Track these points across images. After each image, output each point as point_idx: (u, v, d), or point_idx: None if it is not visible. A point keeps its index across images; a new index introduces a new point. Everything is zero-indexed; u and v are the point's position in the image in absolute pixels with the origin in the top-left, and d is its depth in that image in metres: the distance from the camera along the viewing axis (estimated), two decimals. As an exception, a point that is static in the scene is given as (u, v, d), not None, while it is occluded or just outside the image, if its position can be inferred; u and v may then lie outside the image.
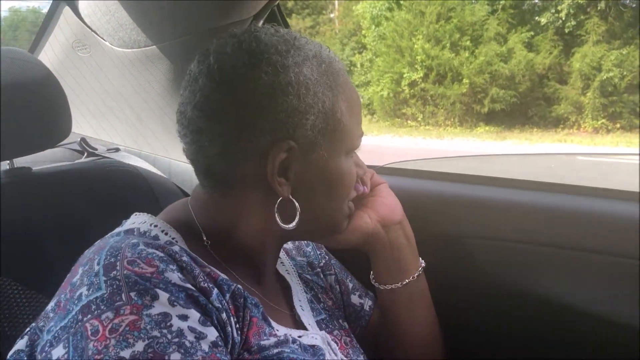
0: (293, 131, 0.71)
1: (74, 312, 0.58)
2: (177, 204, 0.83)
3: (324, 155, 0.75)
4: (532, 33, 12.72)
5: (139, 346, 0.55)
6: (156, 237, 0.72)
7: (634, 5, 11.92)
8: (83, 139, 1.34)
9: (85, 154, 1.32)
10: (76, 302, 0.59)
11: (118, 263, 0.61)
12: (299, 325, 0.82)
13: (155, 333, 0.56)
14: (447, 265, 1.15)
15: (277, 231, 0.77)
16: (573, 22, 12.21)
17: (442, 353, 1.02)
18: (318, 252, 1.02)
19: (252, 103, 0.69)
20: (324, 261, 1.01)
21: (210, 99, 0.70)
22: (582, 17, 12.16)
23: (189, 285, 0.63)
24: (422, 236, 0.99)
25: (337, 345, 0.84)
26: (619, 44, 11.63)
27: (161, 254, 0.64)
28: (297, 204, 0.74)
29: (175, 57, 1.25)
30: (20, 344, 0.65)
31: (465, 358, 1.11)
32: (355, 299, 1.02)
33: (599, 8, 11.80)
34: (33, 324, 0.66)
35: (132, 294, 0.58)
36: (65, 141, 1.06)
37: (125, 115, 1.42)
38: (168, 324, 0.58)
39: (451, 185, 1.23)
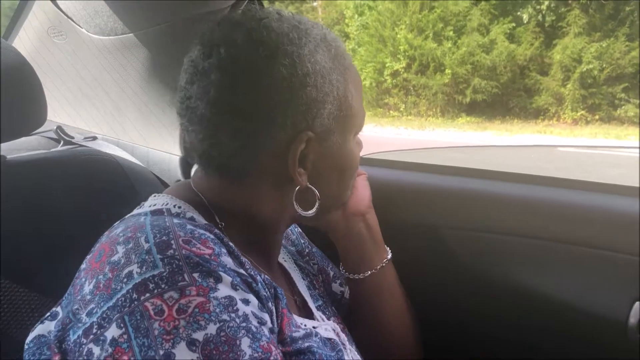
0: (312, 121, 0.69)
1: (124, 291, 0.56)
2: (180, 186, 0.78)
3: (338, 141, 0.74)
4: (514, 24, 12.80)
5: (212, 329, 0.54)
6: (192, 219, 0.69)
7: (614, -2, 12.04)
8: (59, 127, 1.32)
9: (62, 143, 1.30)
10: (125, 280, 0.56)
11: (173, 242, 0.59)
12: (308, 313, 0.82)
13: (225, 316, 0.56)
14: (426, 255, 1.16)
15: (288, 217, 0.77)
16: (553, 17, 12.31)
17: (415, 344, 1.02)
18: (302, 241, 1.02)
19: (271, 98, 0.67)
20: (307, 250, 1.01)
21: (226, 95, 0.67)
22: (563, 9, 12.26)
23: (242, 271, 0.62)
24: (401, 226, 1.00)
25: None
26: (599, 37, 11.76)
27: (212, 236, 0.63)
28: (316, 192, 0.74)
29: (153, 45, 1.23)
30: (40, 329, 0.63)
31: (443, 349, 1.12)
32: (335, 287, 1.02)
33: (580, 1, 11.90)
34: (55, 309, 0.64)
35: (196, 275, 0.57)
36: (40, 129, 1.05)
37: (103, 103, 1.40)
38: (234, 307, 0.57)
39: (432, 176, 1.24)
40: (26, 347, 0.63)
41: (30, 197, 0.99)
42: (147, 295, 0.55)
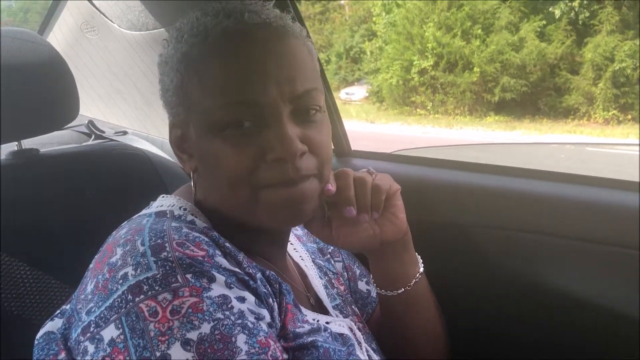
0: (175, 108, 0.71)
1: (119, 292, 0.57)
2: (190, 187, 0.79)
3: (194, 132, 0.70)
4: (544, 22, 12.61)
5: (205, 328, 0.55)
6: (192, 222, 0.70)
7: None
8: (91, 122, 1.34)
9: (93, 137, 1.32)
10: (120, 281, 0.58)
11: (167, 244, 0.60)
12: (323, 311, 0.81)
13: (219, 315, 0.57)
14: (452, 252, 1.15)
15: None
16: (587, 14, 12.09)
17: (444, 350, 1.00)
18: None
19: (166, 83, 0.71)
20: (331, 247, 1.00)
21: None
22: (595, 6, 12.04)
23: (238, 270, 0.63)
24: (428, 224, 0.99)
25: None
26: (632, 34, 11.51)
27: (206, 239, 0.64)
28: (191, 180, 0.75)
29: (184, 41, 1.24)
30: (50, 325, 0.65)
31: (469, 348, 1.12)
32: (362, 285, 1.01)
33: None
34: (65, 307, 0.66)
35: (189, 276, 0.58)
36: (72, 123, 1.07)
37: (133, 98, 1.42)
38: (229, 305, 0.58)
39: (459, 173, 1.23)
40: (36, 342, 0.65)
41: (61, 189, 1.01)
42: (142, 296, 0.56)
